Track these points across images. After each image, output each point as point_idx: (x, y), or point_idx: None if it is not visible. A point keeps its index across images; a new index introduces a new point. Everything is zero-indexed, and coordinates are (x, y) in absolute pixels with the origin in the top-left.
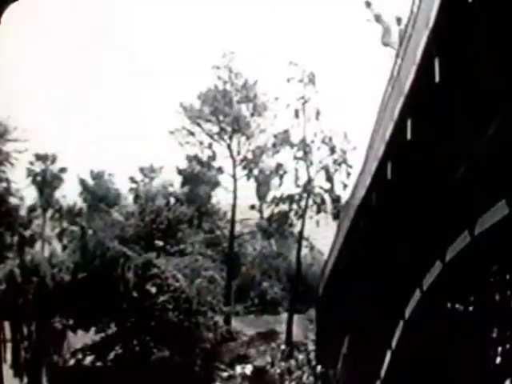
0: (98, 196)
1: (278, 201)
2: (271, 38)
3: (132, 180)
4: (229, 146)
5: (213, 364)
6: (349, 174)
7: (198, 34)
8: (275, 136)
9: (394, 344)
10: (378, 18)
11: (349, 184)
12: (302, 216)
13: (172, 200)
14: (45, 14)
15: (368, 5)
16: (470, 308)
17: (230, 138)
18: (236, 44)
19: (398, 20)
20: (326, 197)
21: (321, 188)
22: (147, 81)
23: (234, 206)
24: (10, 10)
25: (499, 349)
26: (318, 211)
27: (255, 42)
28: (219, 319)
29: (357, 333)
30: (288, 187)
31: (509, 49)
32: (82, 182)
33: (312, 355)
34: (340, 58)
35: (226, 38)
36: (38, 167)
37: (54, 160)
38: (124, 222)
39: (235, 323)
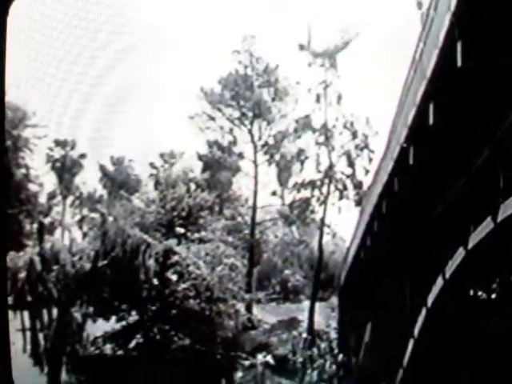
0: (118, 182)
1: (299, 187)
2: (292, 21)
3: (152, 166)
4: (250, 131)
5: (234, 353)
6: (371, 160)
7: (219, 18)
8: (296, 121)
9: (416, 332)
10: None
11: (371, 170)
12: (323, 202)
13: (192, 186)
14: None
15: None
16: (493, 295)
17: (251, 123)
18: (257, 28)
19: (419, 4)
20: (348, 183)
21: (342, 174)
22: (167, 65)
23: (255, 192)
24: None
25: None
26: (340, 197)
27: (276, 25)
28: (241, 307)
29: (379, 321)
30: (309, 173)
31: None
32: (102, 168)
33: (334, 343)
34: (362, 40)
35: (246, 21)
36: (58, 153)
37: (73, 146)
38: (145, 208)
39: (256, 311)
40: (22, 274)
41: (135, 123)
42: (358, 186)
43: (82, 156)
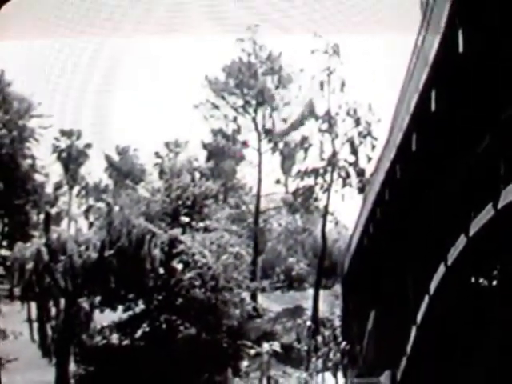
0: (124, 172)
1: (302, 175)
2: (296, 9)
3: (157, 155)
4: (254, 120)
5: (240, 341)
6: (373, 147)
7: (222, 6)
8: None
9: (419, 319)
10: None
11: (373, 157)
12: (327, 190)
13: (197, 175)
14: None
15: None
16: (494, 282)
17: (255, 111)
18: (260, 16)
19: None
20: (351, 170)
21: (346, 161)
22: (170, 53)
23: (259, 181)
24: None
25: None
26: (344, 185)
27: (279, 13)
28: (246, 296)
29: (382, 308)
30: (313, 161)
31: None
32: (108, 158)
33: (338, 331)
34: (365, 28)
35: (249, 10)
36: (64, 143)
37: (79, 136)
38: (150, 198)
39: (261, 299)
40: (30, 265)
41: (139, 112)
42: (361, 173)
43: (88, 146)
